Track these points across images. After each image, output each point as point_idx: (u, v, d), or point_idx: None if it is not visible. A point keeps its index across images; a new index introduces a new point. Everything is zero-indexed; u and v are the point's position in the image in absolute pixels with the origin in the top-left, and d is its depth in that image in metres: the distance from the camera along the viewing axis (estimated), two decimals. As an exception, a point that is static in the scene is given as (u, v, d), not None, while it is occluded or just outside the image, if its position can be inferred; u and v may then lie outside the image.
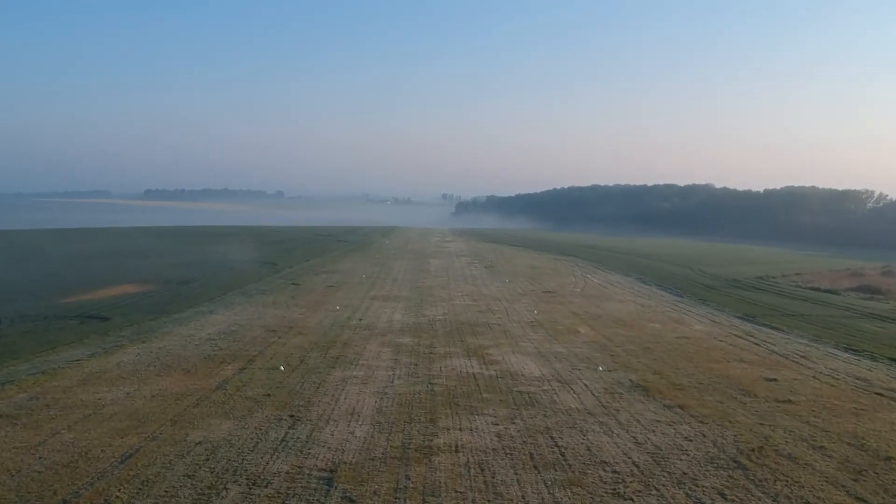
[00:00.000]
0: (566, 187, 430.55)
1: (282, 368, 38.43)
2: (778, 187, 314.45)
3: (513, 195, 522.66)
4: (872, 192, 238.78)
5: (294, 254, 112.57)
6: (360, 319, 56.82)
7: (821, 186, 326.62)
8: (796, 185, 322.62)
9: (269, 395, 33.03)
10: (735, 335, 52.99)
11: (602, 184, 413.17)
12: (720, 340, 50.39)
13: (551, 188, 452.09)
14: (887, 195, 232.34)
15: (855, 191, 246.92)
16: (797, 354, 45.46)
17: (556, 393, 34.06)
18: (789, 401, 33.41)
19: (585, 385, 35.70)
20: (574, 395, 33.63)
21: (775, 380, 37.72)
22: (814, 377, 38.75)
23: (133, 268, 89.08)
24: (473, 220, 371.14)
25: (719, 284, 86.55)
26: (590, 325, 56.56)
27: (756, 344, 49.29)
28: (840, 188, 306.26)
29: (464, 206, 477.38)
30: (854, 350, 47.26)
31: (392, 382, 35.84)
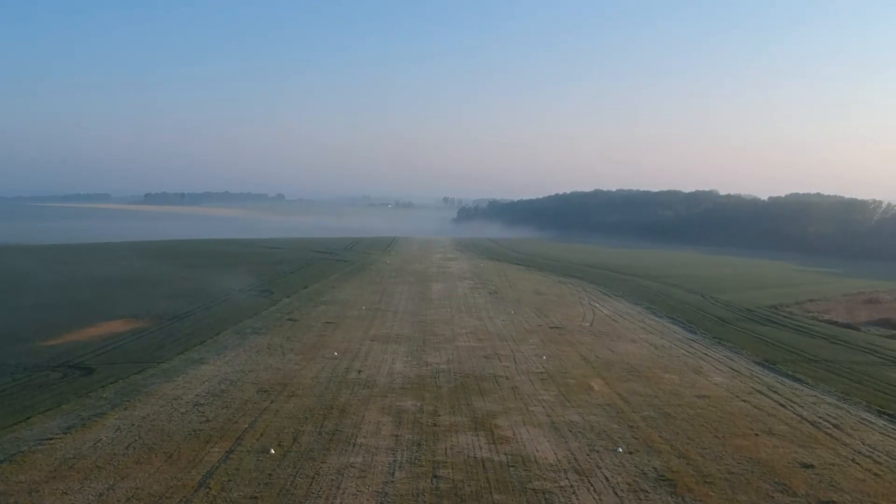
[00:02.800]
0: (568, 192, 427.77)
1: (272, 452, 35.18)
2: (783, 194, 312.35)
3: (515, 200, 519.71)
4: (880, 202, 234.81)
5: (292, 279, 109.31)
6: (359, 372, 53.56)
7: (826, 193, 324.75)
8: (801, 192, 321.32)
9: (256, 497, 29.77)
10: (758, 391, 49.75)
11: (605, 189, 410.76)
12: (743, 400, 47.11)
13: (553, 193, 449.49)
14: (895, 206, 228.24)
15: (862, 201, 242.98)
16: (829, 422, 42.15)
17: (574, 492, 30.79)
18: (833, 502, 30.14)
19: (606, 478, 32.41)
20: (595, 496, 30.36)
21: (812, 466, 34.44)
22: (853, 460, 35.46)
23: (124, 299, 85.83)
24: (476, 228, 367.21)
25: (732, 316, 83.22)
26: (602, 377, 53.31)
27: (782, 405, 46.03)
28: (846, 196, 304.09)
29: (465, 213, 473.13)
30: (888, 415, 43.91)
31: (393, 474, 32.58)
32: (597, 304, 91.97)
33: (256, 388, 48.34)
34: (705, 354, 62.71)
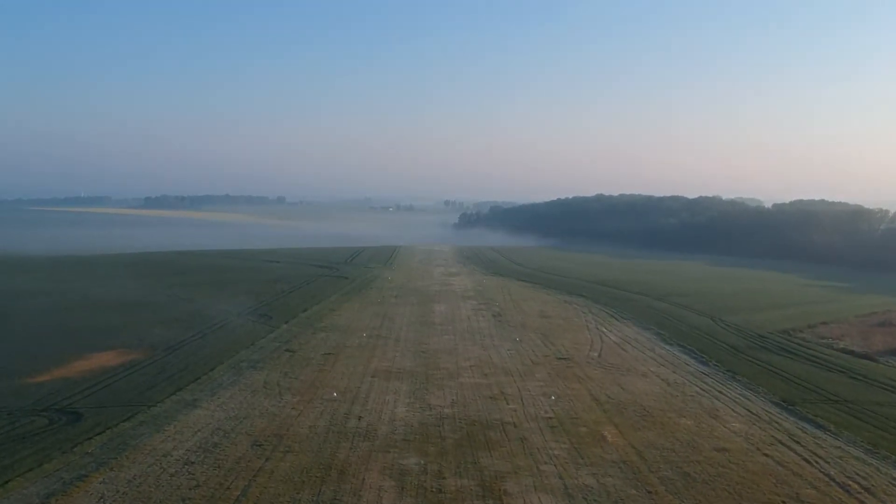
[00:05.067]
0: (570, 197, 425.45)
1: (266, 530, 32.65)
2: (787, 201, 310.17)
3: (517, 204, 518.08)
4: (887, 211, 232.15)
5: (291, 300, 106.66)
6: (360, 418, 51.03)
7: (830, 200, 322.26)
8: (805, 197, 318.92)
9: None
10: (779, 441, 47.16)
11: (607, 193, 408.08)
12: (765, 454, 44.53)
13: (555, 198, 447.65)
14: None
15: (868, 209, 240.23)
16: (859, 484, 39.57)
17: (593, 586, 28.19)
18: None
19: (627, 566, 29.81)
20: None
21: (849, 547, 31.87)
22: (891, 538, 32.89)
23: (118, 326, 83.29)
24: (478, 235, 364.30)
25: (745, 344, 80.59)
26: (615, 423, 50.75)
27: (807, 461, 43.44)
28: (851, 202, 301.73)
29: (467, 219, 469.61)
30: (922, 474, 41.33)
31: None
32: (604, 329, 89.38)
33: (251, 440, 45.85)
34: (720, 393, 60.13)
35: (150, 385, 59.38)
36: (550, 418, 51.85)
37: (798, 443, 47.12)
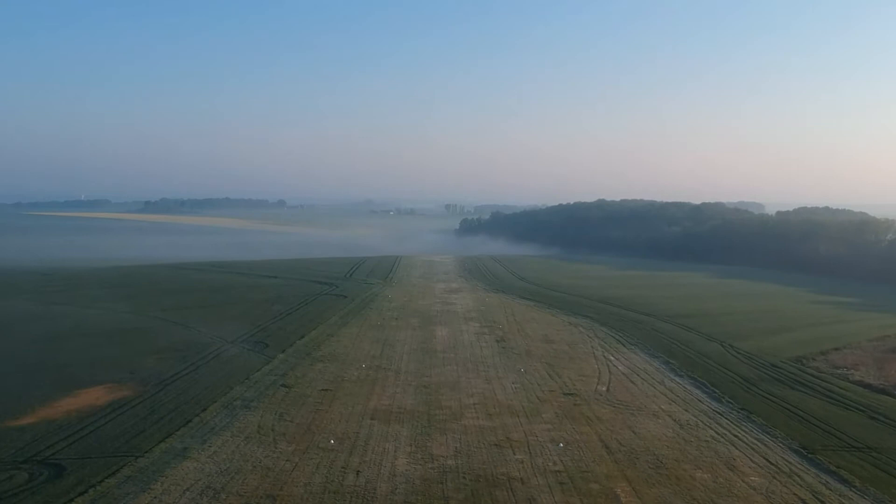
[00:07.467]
0: (572, 203, 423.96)
1: None
2: (789, 205, 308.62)
3: (518, 209, 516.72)
4: (893, 221, 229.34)
5: (288, 324, 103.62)
6: (358, 473, 48.34)
7: (833, 206, 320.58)
8: (808, 203, 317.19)
9: None
10: (803, 501, 44.59)
11: (608, 199, 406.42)
12: (790, 518, 41.88)
13: (556, 203, 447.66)
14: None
15: (874, 219, 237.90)
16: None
17: None
18: None
19: None
20: None
21: None
22: None
23: (109, 357, 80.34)
24: (479, 243, 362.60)
25: (757, 376, 77.87)
26: (628, 477, 48.09)
27: (835, 527, 40.79)
28: (855, 209, 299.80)
29: (468, 225, 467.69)
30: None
31: None
32: (611, 357, 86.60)
33: (242, 503, 43.10)
34: (735, 437, 57.41)
35: (138, 430, 56.60)
36: (559, 472, 49.14)
37: (823, 503, 44.44)
